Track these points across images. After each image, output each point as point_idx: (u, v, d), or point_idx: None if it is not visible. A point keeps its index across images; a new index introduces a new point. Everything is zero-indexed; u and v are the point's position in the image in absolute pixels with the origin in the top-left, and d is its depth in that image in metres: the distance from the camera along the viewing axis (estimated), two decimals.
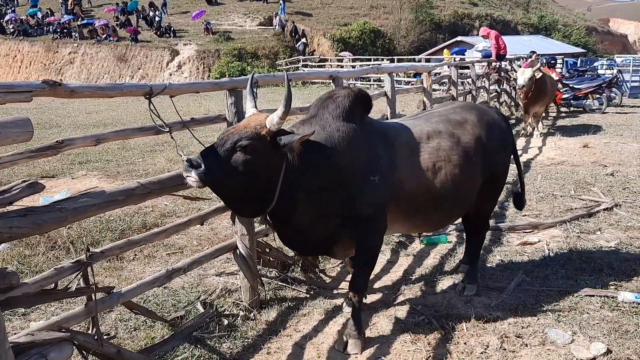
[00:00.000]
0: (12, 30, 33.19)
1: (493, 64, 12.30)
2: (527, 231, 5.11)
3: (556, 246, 4.65)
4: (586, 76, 14.34)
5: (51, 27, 33.07)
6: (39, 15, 34.66)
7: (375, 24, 33.16)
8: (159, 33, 31.72)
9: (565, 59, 21.58)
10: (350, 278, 3.25)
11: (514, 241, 4.86)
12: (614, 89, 13.85)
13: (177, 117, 3.14)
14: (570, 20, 43.07)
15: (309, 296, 3.86)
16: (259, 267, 3.85)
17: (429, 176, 3.16)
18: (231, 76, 14.24)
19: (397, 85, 8.68)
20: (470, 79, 10.62)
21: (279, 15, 32.71)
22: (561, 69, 18.60)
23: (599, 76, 14.57)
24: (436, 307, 3.63)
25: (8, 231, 2.06)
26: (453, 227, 5.14)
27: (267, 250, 4.05)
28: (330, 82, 4.78)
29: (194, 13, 33.08)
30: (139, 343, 3.18)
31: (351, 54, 28.22)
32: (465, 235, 4.15)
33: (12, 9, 36.53)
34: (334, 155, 2.85)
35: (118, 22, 32.76)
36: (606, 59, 22.96)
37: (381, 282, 4.13)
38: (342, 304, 3.67)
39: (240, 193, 2.72)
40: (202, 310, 3.53)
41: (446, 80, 9.45)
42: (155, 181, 2.92)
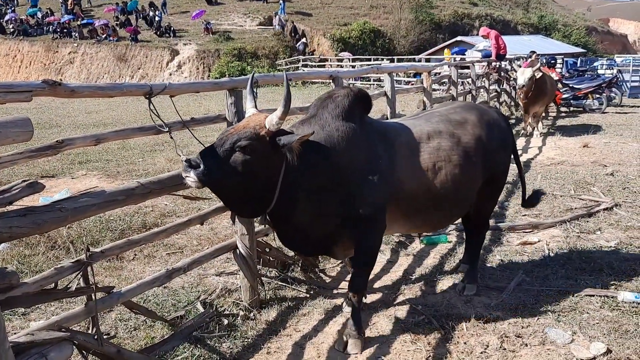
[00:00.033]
0: (12, 30, 33.20)
1: (493, 63, 12.30)
2: (527, 231, 5.11)
3: (556, 246, 4.65)
4: (586, 76, 14.34)
5: (51, 26, 33.09)
6: (39, 15, 34.67)
7: (375, 24, 33.17)
8: (158, 33, 31.74)
9: (565, 58, 21.58)
10: (350, 278, 3.25)
11: (514, 241, 4.86)
12: (613, 89, 13.85)
13: (177, 117, 3.14)
14: (570, 20, 43.08)
15: (308, 296, 3.85)
16: (258, 266, 3.85)
17: (429, 176, 3.15)
18: (231, 76, 14.25)
19: (397, 85, 8.69)
20: (470, 79, 10.62)
21: (278, 15, 32.71)
22: (561, 68, 18.60)
23: (598, 76, 14.57)
24: (436, 306, 3.63)
25: (8, 231, 2.06)
26: (453, 227, 5.14)
27: (267, 250, 4.06)
28: (330, 82, 4.78)
29: (194, 13, 33.09)
30: (139, 343, 3.18)
31: (351, 54, 28.20)
32: (465, 235, 4.15)
33: (12, 8, 36.53)
34: (334, 155, 2.85)
35: (118, 22, 32.79)
36: (606, 58, 22.94)
37: (381, 281, 4.13)
38: (342, 303, 3.67)
39: (240, 193, 2.71)
40: (202, 310, 3.53)
41: (446, 80, 9.45)
42: (155, 181, 2.93)
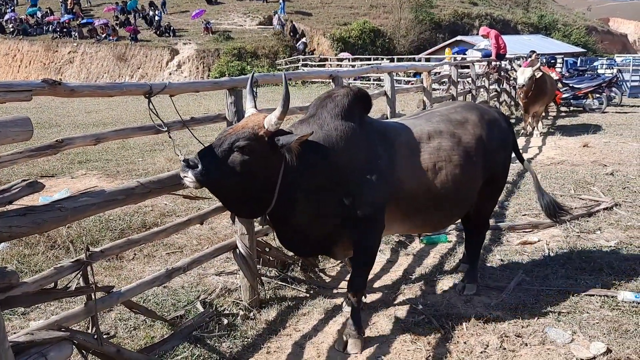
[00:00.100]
0: (11, 29, 33.21)
1: (493, 63, 12.30)
2: (527, 231, 5.11)
3: (556, 246, 4.65)
4: (586, 76, 14.33)
5: (51, 26, 33.11)
6: (39, 14, 34.68)
7: (375, 24, 33.16)
8: (158, 32, 31.74)
9: (565, 58, 21.55)
10: (349, 278, 3.25)
11: (513, 241, 4.86)
12: (613, 89, 13.85)
13: (176, 117, 3.13)
14: (570, 20, 43.08)
15: (308, 296, 3.85)
16: (258, 266, 3.85)
17: (430, 176, 3.15)
18: (231, 75, 14.19)
19: (396, 85, 8.69)
20: (470, 79, 10.62)
21: (278, 15, 32.72)
22: (561, 68, 18.58)
23: (598, 76, 14.56)
24: (436, 306, 3.63)
25: (8, 230, 2.06)
26: (453, 226, 5.13)
27: (267, 249, 4.06)
28: (330, 81, 4.78)
29: (194, 12, 33.10)
30: (138, 342, 3.17)
31: (350, 54, 28.19)
32: (465, 235, 4.14)
33: (12, 8, 36.54)
34: (332, 154, 2.84)
35: (117, 22, 32.80)
36: (606, 58, 22.93)
37: (381, 281, 4.13)
38: (342, 303, 3.67)
39: (238, 194, 2.70)
40: (201, 309, 3.53)
41: (446, 80, 9.45)
42: (155, 180, 2.92)
